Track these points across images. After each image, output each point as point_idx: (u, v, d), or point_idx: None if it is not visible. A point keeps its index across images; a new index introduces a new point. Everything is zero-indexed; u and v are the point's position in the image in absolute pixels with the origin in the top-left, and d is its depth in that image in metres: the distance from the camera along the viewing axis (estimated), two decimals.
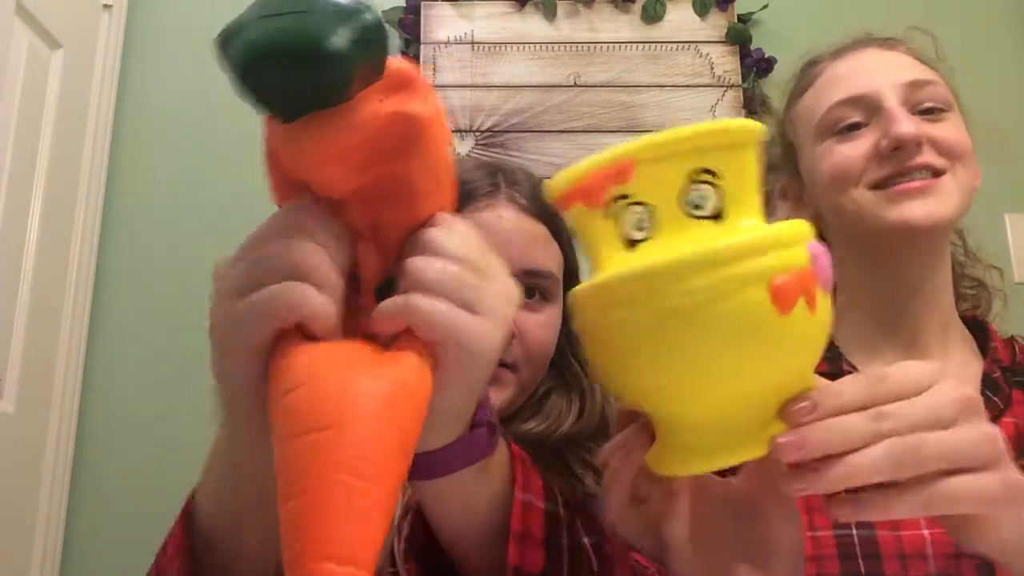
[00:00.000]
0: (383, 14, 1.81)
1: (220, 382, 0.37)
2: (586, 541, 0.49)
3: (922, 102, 0.70)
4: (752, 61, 1.81)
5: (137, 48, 1.80)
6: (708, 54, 1.83)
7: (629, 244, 0.39)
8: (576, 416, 0.69)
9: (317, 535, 0.31)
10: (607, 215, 0.39)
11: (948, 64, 0.76)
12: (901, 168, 0.68)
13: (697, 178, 0.38)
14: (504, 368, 0.65)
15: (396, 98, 0.34)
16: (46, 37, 1.54)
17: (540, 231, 0.69)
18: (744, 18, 1.85)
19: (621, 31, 1.85)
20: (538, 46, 1.83)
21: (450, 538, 0.48)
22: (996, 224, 1.71)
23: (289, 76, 0.31)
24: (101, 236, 1.69)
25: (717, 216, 0.38)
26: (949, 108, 0.72)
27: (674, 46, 1.84)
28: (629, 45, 1.84)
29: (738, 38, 1.83)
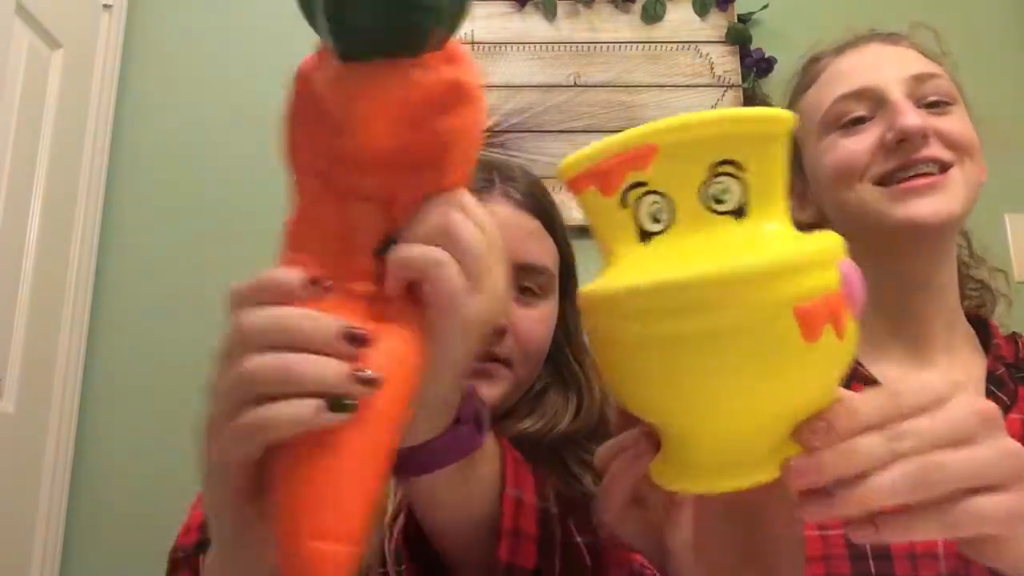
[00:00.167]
0: None
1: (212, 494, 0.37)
2: (579, 540, 0.49)
3: (927, 95, 0.69)
4: (752, 61, 1.81)
5: (137, 48, 1.80)
6: (708, 54, 1.83)
7: (643, 236, 0.37)
8: (574, 414, 0.68)
9: (306, 516, 0.32)
10: (622, 204, 0.37)
11: (952, 59, 0.76)
12: (907, 161, 0.67)
13: (720, 170, 0.35)
14: (498, 364, 0.65)
15: (453, 67, 0.35)
16: (46, 37, 1.54)
17: (535, 226, 0.68)
18: (744, 18, 1.85)
19: (621, 31, 1.85)
20: (538, 46, 1.83)
21: (442, 537, 0.48)
22: (996, 224, 1.71)
23: (380, 10, 0.31)
24: (101, 236, 1.68)
25: (738, 212, 0.36)
26: (954, 102, 0.71)
27: (674, 46, 1.84)
28: (629, 45, 1.84)
29: (738, 38, 1.83)
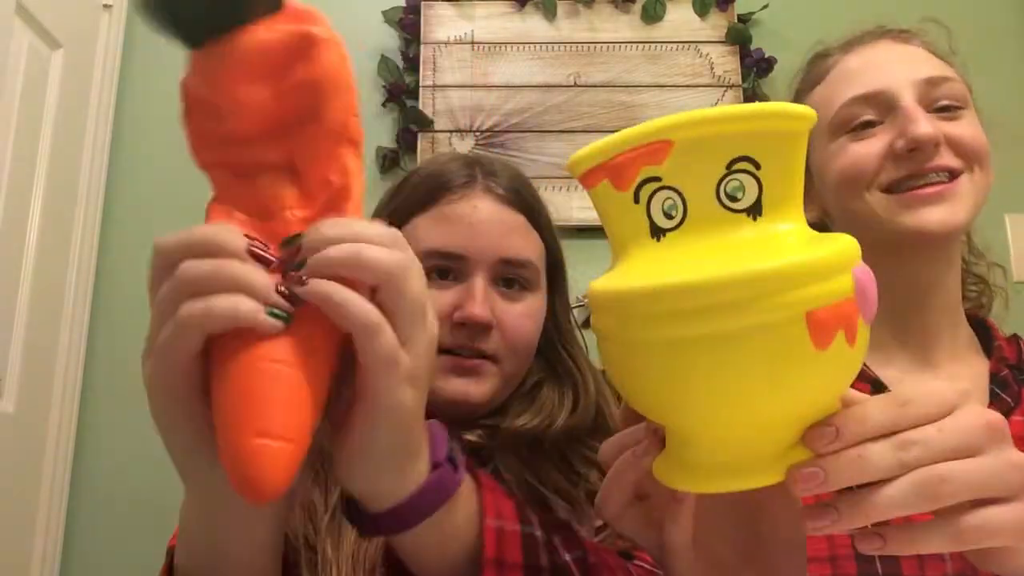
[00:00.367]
0: (383, 14, 1.82)
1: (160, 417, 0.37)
2: (568, 558, 0.48)
3: (938, 100, 0.68)
4: (752, 61, 1.81)
5: (137, 48, 1.80)
6: (708, 54, 1.83)
7: (655, 231, 0.36)
8: (571, 409, 0.68)
9: (248, 416, 0.32)
10: (635, 199, 0.36)
11: (961, 58, 0.74)
12: (918, 170, 0.66)
13: (736, 167, 0.35)
14: (485, 360, 0.65)
15: (296, 21, 0.37)
16: (46, 37, 1.54)
17: (518, 221, 0.68)
18: (744, 18, 1.85)
19: (621, 31, 1.85)
20: (538, 46, 1.83)
21: (426, 574, 0.47)
22: (996, 224, 1.71)
23: (190, 4, 0.36)
24: (101, 236, 1.69)
25: (753, 210, 0.35)
26: (965, 106, 0.69)
27: (674, 46, 1.84)
28: (629, 45, 1.84)
29: (738, 38, 1.83)
